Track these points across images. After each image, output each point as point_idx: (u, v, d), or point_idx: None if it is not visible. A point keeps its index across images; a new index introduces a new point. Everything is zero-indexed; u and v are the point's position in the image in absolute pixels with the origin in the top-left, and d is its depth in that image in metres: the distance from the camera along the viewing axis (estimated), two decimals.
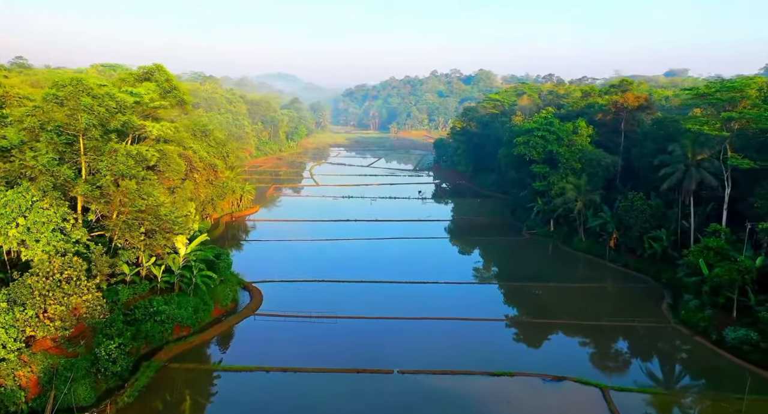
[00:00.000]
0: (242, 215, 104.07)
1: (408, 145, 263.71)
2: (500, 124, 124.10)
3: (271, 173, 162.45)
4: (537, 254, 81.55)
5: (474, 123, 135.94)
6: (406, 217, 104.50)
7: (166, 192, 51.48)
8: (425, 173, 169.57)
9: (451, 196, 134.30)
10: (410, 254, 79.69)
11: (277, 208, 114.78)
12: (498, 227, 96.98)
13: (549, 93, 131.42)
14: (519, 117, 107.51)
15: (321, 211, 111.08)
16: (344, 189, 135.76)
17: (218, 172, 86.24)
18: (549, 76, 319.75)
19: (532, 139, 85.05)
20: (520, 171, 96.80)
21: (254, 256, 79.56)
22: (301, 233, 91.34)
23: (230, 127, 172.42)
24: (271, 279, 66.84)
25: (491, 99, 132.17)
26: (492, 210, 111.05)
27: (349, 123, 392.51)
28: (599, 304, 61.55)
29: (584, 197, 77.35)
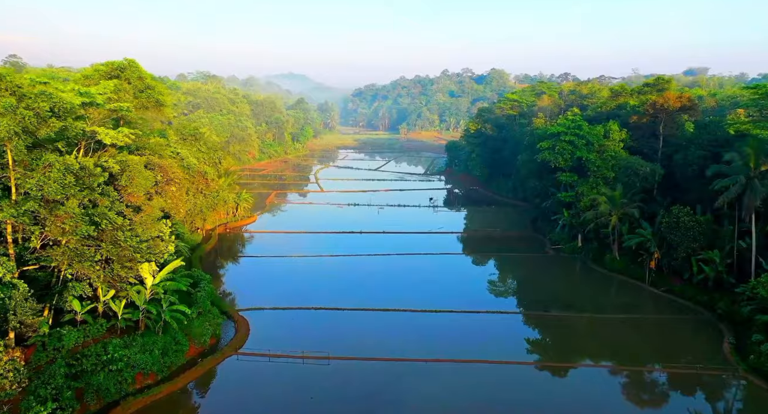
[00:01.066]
0: (238, 226, 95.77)
1: (418, 147, 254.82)
2: (519, 127, 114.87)
3: (274, 177, 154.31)
4: (563, 275, 72.32)
5: (489, 125, 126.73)
6: (417, 228, 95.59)
7: (129, 211, 43.09)
8: (436, 178, 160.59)
9: (465, 203, 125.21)
10: (420, 274, 70.71)
11: (277, 217, 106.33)
12: (517, 241, 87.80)
13: (570, 93, 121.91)
14: (541, 119, 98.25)
15: (324, 220, 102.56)
16: (350, 195, 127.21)
17: (209, 180, 77.91)
18: (565, 75, 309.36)
19: (559, 144, 75.81)
20: (542, 179, 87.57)
21: (245, 275, 71.04)
22: (300, 247, 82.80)
23: (232, 129, 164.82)
24: (261, 306, 58.22)
25: (508, 99, 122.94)
26: (510, 220, 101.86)
27: (358, 123, 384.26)
28: (644, 341, 52.26)
29: (620, 211, 68.04)
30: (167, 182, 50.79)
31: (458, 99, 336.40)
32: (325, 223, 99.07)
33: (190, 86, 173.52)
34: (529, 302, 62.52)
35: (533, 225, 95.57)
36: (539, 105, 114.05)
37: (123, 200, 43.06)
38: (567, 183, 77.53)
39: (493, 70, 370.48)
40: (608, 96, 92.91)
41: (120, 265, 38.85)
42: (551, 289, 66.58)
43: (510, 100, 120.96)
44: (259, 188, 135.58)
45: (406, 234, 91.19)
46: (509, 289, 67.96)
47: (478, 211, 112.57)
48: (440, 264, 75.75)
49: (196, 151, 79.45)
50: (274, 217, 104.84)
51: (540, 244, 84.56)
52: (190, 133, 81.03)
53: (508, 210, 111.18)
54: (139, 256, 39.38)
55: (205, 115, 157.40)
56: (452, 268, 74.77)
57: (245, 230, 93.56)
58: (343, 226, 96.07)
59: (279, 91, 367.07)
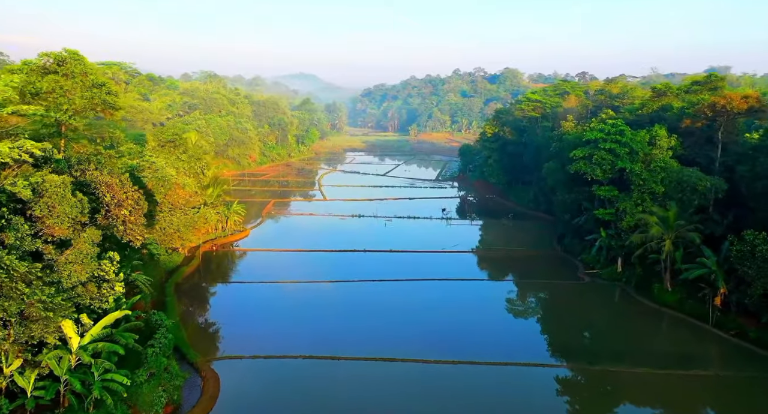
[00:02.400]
0: (228, 241, 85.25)
1: (429, 149, 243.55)
2: (542, 131, 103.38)
3: (275, 183, 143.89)
4: (604, 308, 60.91)
5: (508, 128, 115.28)
6: (428, 244, 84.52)
7: (50, 248, 32.52)
8: (449, 184, 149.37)
9: (480, 212, 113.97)
10: (433, 310, 59.21)
11: (273, 230, 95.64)
12: (544, 262, 76.43)
13: (598, 92, 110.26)
14: (570, 122, 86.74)
15: (325, 234, 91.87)
16: (355, 205, 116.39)
17: (189, 193, 67.37)
18: (582, 74, 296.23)
19: (597, 153, 64.36)
20: (572, 191, 76.13)
21: (227, 307, 60.24)
22: (295, 268, 72.12)
23: (231, 131, 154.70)
24: (239, 354, 47.49)
25: (529, 100, 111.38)
26: (533, 236, 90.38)
27: (366, 124, 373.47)
28: (726, 411, 40.94)
29: (674, 234, 56.58)
30: (117, 205, 40.36)
31: (470, 99, 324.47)
32: (325, 238, 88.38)
33: (188, 86, 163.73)
34: (567, 348, 51.15)
35: (560, 242, 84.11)
36: (564, 106, 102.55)
37: (42, 234, 32.52)
38: (605, 198, 66.05)
39: (506, 69, 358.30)
40: (649, 96, 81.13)
41: (20, 327, 28.31)
42: (591, 327, 55.30)
43: (531, 101, 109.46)
44: (256, 196, 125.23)
45: (416, 253, 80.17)
46: (541, 328, 56.64)
47: (496, 224, 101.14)
48: (456, 294, 64.45)
49: (175, 159, 69.02)
50: (269, 231, 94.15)
51: (571, 268, 73.11)
52: (167, 139, 70.51)
53: (530, 224, 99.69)
54: (53, 314, 28.78)
55: (202, 116, 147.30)
56: (471, 299, 63.41)
57: (235, 248, 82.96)
58: (345, 241, 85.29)
59: (286, 91, 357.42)
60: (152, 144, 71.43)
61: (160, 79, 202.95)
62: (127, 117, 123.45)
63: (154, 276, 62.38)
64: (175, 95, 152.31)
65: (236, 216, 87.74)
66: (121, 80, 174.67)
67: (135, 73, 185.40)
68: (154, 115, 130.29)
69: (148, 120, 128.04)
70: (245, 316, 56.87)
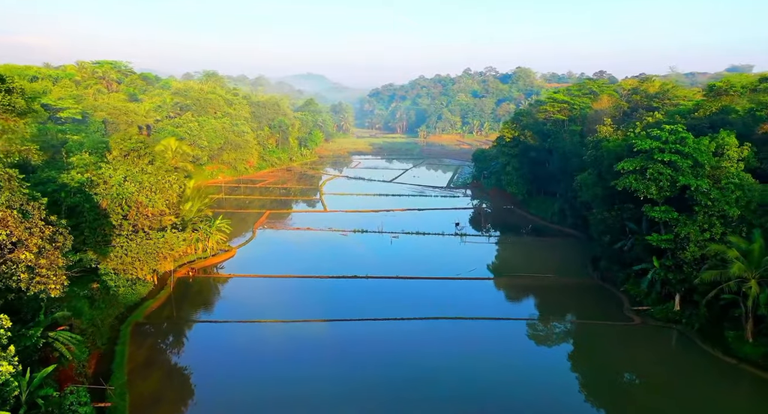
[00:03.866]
0: (210, 264, 73.91)
1: (439, 152, 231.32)
2: (570, 135, 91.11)
3: (273, 190, 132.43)
4: (661, 362, 48.58)
5: (530, 132, 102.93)
6: (441, 267, 72.67)
7: None
8: (461, 192, 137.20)
9: (497, 225, 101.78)
10: (450, 370, 47.54)
11: (264, 249, 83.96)
12: (579, 293, 64.26)
13: (632, 92, 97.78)
14: (608, 126, 74.41)
15: (323, 254, 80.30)
16: (359, 217, 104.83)
17: (151, 213, 55.90)
18: (600, 73, 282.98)
19: (652, 166, 52.11)
20: (613, 208, 63.84)
21: (193, 359, 48.30)
22: (282, 302, 60.60)
23: (227, 134, 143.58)
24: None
25: (555, 100, 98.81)
26: (562, 258, 78.11)
27: (374, 126, 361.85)
28: None
29: (759, 272, 44.30)
30: (17, 245, 29.03)
31: (482, 99, 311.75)
32: (323, 259, 76.87)
33: (180, 86, 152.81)
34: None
35: (594, 266, 71.94)
36: (595, 107, 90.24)
37: None
38: (660, 220, 53.77)
39: (518, 68, 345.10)
40: (703, 95, 68.60)
41: None
42: (649, 388, 43.11)
43: (557, 102, 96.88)
44: (250, 206, 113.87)
45: (426, 280, 68.25)
46: (591, 398, 44.44)
47: (517, 242, 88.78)
48: (476, 340, 52.42)
49: (138, 172, 57.55)
50: (259, 250, 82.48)
51: (614, 302, 60.84)
52: (130, 147, 59.01)
53: (557, 242, 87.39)
54: None
55: (194, 118, 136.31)
56: (496, 349, 51.30)
57: (216, 273, 71.43)
58: (345, 263, 73.77)
59: (290, 91, 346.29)
60: (115, 153, 60.08)
61: (156, 78, 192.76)
62: (108, 119, 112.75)
63: (108, 315, 51.15)
64: (166, 95, 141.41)
65: (219, 235, 76.20)
66: (112, 79, 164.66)
67: (128, 72, 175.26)
68: (139, 117, 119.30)
69: (133, 122, 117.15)
70: (216, 373, 45.22)
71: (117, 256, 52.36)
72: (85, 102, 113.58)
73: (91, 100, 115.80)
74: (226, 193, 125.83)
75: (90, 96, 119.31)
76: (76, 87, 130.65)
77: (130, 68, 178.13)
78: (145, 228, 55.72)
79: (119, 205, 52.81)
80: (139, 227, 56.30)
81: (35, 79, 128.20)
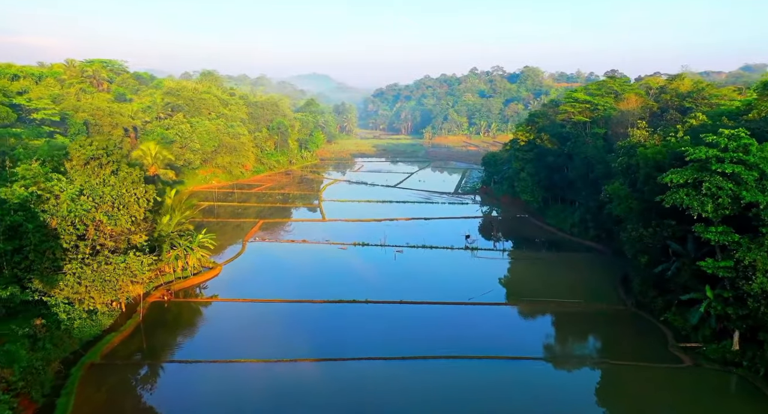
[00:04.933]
0: (191, 285, 65.64)
1: (445, 155, 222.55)
2: (593, 139, 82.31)
3: (269, 197, 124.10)
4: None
5: (546, 135, 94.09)
6: (451, 288, 64.12)
7: None
8: (470, 198, 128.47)
9: (511, 236, 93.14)
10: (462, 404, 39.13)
11: (253, 265, 75.52)
12: (612, 324, 55.46)
13: (660, 90, 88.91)
14: (642, 130, 65.56)
15: (318, 271, 72.03)
16: (360, 227, 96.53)
17: (108, 232, 47.55)
18: (612, 71, 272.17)
19: (709, 179, 43.35)
20: (651, 224, 55.06)
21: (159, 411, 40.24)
22: (267, 335, 52.27)
23: (221, 136, 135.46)
24: None
25: (575, 100, 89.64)
26: (586, 277, 69.33)
27: (378, 126, 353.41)
28: None
29: None
30: None
31: (489, 99, 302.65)
32: (318, 278, 68.59)
33: (173, 85, 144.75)
34: None
35: (624, 288, 63.27)
36: (621, 108, 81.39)
37: None
38: (717, 243, 44.97)
39: (526, 67, 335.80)
40: (759, 95, 59.64)
41: None
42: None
43: (578, 102, 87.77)
44: (243, 215, 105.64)
45: (434, 305, 59.69)
46: None
47: (534, 258, 79.76)
48: (495, 385, 43.75)
49: (99, 184, 49.24)
50: (247, 268, 74.07)
51: (654, 336, 51.99)
52: (90, 155, 50.68)
53: (579, 258, 78.51)
54: None
55: (186, 119, 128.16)
56: (518, 398, 42.71)
57: (197, 296, 63.06)
58: (343, 284, 65.35)
59: (292, 91, 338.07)
60: (74, 162, 51.80)
61: (150, 77, 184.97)
62: (90, 120, 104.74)
63: (55, 357, 42.79)
64: (156, 95, 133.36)
65: (201, 252, 67.80)
66: (103, 79, 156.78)
67: (121, 71, 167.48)
68: (125, 118, 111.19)
69: (119, 124, 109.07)
70: None
71: (68, 285, 44.07)
72: (65, 102, 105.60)
73: (72, 101, 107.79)
74: (218, 200, 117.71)
75: (72, 96, 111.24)
76: (61, 86, 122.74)
77: (124, 67, 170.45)
78: (106, 251, 47.39)
79: (72, 224, 44.56)
80: (99, 249, 47.99)
81: (17, 77, 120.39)
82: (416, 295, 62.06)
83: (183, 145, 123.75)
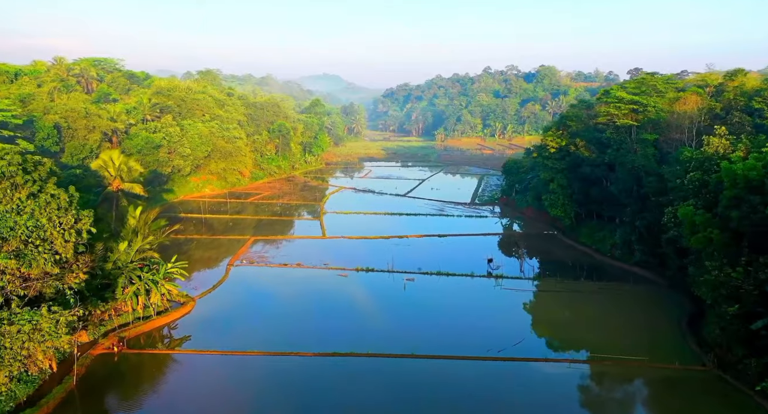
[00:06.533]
0: (155, 327, 53.46)
1: (459, 159, 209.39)
2: (643, 147, 68.98)
3: (266, 207, 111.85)
4: None
5: (582, 141, 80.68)
6: (473, 336, 51.38)
7: None
8: (488, 209, 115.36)
9: (538, 256, 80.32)
10: None
11: (234, 299, 62.93)
12: (693, 397, 42.24)
13: (718, 89, 75.35)
14: (722, 139, 52.08)
15: (311, 307, 59.62)
16: (365, 246, 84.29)
17: (37, 274, 35.28)
18: (635, 70, 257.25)
19: None
20: (739, 262, 41.87)
21: None
22: (241, 403, 39.80)
23: (215, 140, 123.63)
24: None
25: (621, 101, 75.44)
26: (639, 319, 56.08)
27: (388, 128, 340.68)
28: None
29: None
30: None
31: (504, 100, 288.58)
32: (310, 318, 56.32)
33: (164, 84, 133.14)
34: None
35: (697, 337, 50.02)
36: (678, 109, 67.94)
37: None
38: None
39: (542, 66, 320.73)
40: None
41: None
42: None
43: (624, 103, 73.90)
44: (233, 230, 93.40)
45: (454, 361, 46.92)
46: None
47: (571, 289, 66.37)
48: None
49: (10, 211, 37.01)
50: (226, 302, 61.51)
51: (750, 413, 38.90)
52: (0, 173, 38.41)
53: (628, 291, 64.81)
54: None
55: (175, 122, 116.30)
56: None
57: (159, 344, 50.70)
58: (341, 327, 53.06)
59: (299, 91, 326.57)
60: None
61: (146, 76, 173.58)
62: (62, 124, 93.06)
63: None
64: (143, 95, 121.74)
65: (169, 286, 55.48)
66: (92, 78, 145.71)
67: (111, 70, 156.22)
68: (103, 121, 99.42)
69: (96, 128, 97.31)
70: None
71: None
72: (34, 103, 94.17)
73: (43, 101, 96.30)
74: (209, 211, 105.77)
75: (44, 95, 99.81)
76: (38, 86, 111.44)
77: (118, 66, 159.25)
78: (14, 304, 35.13)
79: None
80: (10, 297, 35.78)
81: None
82: (431, 343, 49.52)
83: (171, 149, 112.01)
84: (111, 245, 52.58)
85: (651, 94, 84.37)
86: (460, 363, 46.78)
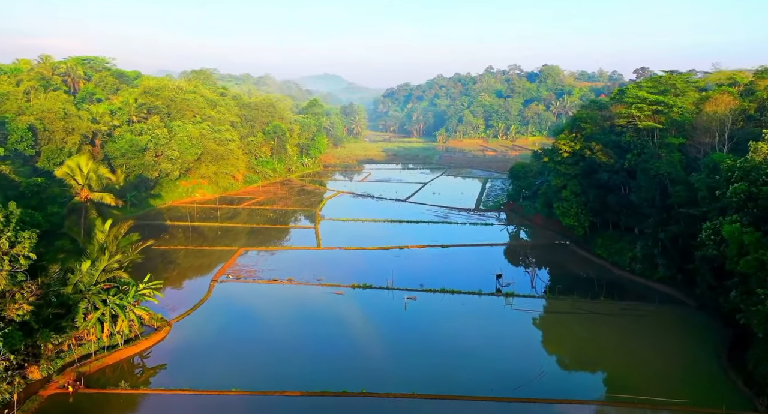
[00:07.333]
0: (118, 360, 47.01)
1: (461, 161, 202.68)
2: (668, 152, 62.54)
3: (259, 214, 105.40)
4: None
5: (598, 146, 74.17)
6: (486, 371, 45.04)
7: None
8: (494, 215, 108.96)
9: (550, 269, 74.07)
10: None
11: (217, 321, 56.41)
12: None
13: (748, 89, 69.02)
14: None
15: (300, 332, 53.45)
16: (363, 257, 78.14)
17: None
18: (642, 69, 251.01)
19: None
20: None
21: None
22: None
23: (206, 142, 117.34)
24: None
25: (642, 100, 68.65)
26: (674, 348, 49.69)
27: (388, 128, 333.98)
28: None
29: None
30: None
31: (507, 100, 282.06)
32: (298, 345, 49.93)
33: (152, 84, 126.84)
34: None
35: (743, 374, 43.56)
36: (708, 111, 61.50)
37: None
38: None
39: (545, 66, 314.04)
40: None
41: None
42: None
43: (647, 104, 66.81)
44: (221, 241, 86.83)
45: (464, 401, 40.53)
46: None
47: (590, 310, 59.91)
48: None
49: None
50: (207, 327, 55.02)
51: None
52: None
53: (654, 314, 58.13)
54: None
55: (162, 123, 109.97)
56: None
57: (125, 386, 44.19)
58: (333, 357, 46.66)
59: (297, 91, 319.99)
60: None
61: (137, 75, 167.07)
62: (38, 126, 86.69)
63: None
64: (130, 96, 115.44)
65: (140, 311, 49.12)
66: (79, 77, 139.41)
67: (100, 69, 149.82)
68: (84, 122, 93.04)
69: (75, 130, 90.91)
70: None
71: None
72: (6, 104, 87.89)
73: (17, 102, 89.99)
74: (198, 218, 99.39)
75: (18, 95, 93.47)
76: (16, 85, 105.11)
77: (108, 65, 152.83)
78: None
79: None
80: None
81: None
82: (435, 379, 43.23)
83: (159, 152, 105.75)
84: (72, 266, 46.26)
85: (670, 93, 78.01)
86: (470, 404, 40.44)
